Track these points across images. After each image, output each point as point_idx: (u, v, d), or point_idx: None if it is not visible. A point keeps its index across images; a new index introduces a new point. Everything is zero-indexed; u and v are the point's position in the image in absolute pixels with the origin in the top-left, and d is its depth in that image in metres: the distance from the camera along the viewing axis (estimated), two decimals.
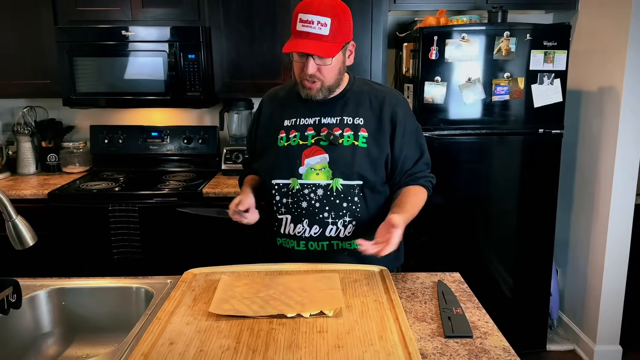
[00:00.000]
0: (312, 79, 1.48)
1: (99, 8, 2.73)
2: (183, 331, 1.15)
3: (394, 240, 1.32)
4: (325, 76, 1.48)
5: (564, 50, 2.45)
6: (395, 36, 2.97)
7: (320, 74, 1.47)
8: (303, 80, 1.50)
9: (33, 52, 2.77)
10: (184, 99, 2.74)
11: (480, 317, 1.26)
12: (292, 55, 1.49)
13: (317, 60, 1.45)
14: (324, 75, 1.48)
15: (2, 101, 3.10)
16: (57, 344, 1.42)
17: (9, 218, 1.12)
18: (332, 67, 1.48)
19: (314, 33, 1.41)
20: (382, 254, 1.31)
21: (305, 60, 1.45)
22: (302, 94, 1.53)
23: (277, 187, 1.55)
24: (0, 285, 1.01)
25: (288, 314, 1.21)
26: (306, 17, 1.41)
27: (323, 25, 1.41)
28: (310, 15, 1.41)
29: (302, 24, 1.42)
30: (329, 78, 1.50)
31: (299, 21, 1.43)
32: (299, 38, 1.43)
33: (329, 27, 1.41)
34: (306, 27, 1.41)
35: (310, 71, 1.46)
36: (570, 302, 3.01)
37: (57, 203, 2.58)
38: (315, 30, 1.41)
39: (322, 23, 1.40)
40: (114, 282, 1.47)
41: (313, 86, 1.50)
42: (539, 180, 2.62)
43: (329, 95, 1.54)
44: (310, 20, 1.41)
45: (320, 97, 1.52)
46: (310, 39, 1.42)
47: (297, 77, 1.53)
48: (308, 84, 1.49)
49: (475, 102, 2.50)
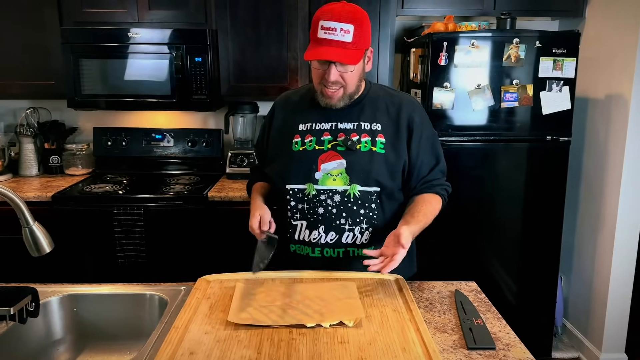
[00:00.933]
0: (334, 86, 1.46)
1: (105, 10, 2.71)
2: (202, 341, 1.13)
3: (398, 257, 1.30)
4: (347, 83, 1.47)
5: (573, 57, 2.45)
6: (402, 41, 2.97)
7: (343, 80, 1.46)
8: (324, 89, 1.47)
9: (37, 53, 2.74)
10: (190, 102, 2.72)
11: (502, 328, 1.25)
12: (310, 63, 1.48)
13: (339, 68, 1.43)
14: (346, 82, 1.46)
15: (5, 102, 3.07)
16: (68, 351, 1.40)
17: (26, 224, 1.10)
18: (353, 73, 1.46)
19: (337, 40, 1.39)
20: (384, 271, 1.29)
21: (327, 67, 1.43)
22: (321, 103, 1.51)
23: (292, 192, 1.53)
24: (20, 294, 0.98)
25: (307, 323, 1.19)
26: (328, 24, 1.39)
27: (346, 32, 1.39)
28: (333, 23, 1.39)
29: (324, 31, 1.40)
30: (350, 85, 1.48)
31: (321, 28, 1.40)
32: (321, 45, 1.41)
33: (351, 34, 1.39)
34: (328, 34, 1.39)
35: (332, 78, 1.43)
36: (574, 309, 3.00)
37: (61, 206, 2.55)
38: (339, 38, 1.39)
39: (345, 30, 1.38)
40: (126, 288, 1.45)
41: (334, 95, 1.47)
42: (546, 187, 2.62)
43: (349, 102, 1.52)
44: (332, 28, 1.39)
45: (341, 105, 1.51)
46: (333, 47, 1.40)
47: (316, 85, 1.50)
48: (329, 92, 1.47)
49: (483, 108, 2.49)
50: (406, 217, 1.47)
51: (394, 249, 1.32)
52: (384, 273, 1.30)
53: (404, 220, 1.45)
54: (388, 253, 1.32)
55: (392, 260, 1.29)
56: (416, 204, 1.51)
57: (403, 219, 1.46)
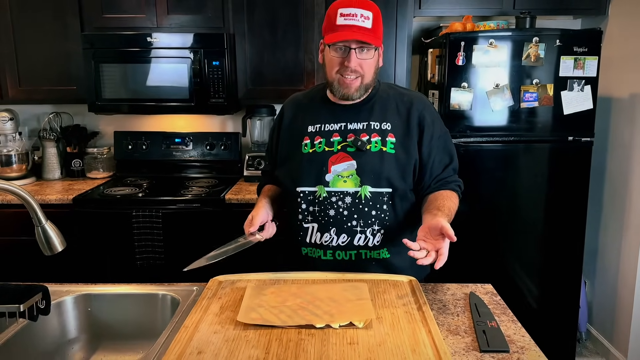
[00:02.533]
0: (352, 74, 1.44)
1: (125, 15, 2.75)
2: (211, 340, 1.13)
3: (445, 251, 1.25)
4: (365, 72, 1.45)
5: (594, 56, 2.40)
6: (419, 42, 2.94)
7: (362, 69, 1.44)
8: (341, 78, 1.45)
9: (59, 58, 2.80)
10: (208, 105, 2.75)
11: (516, 331, 1.22)
12: (324, 56, 1.47)
13: (359, 54, 1.42)
14: (365, 70, 1.45)
15: (29, 107, 3.14)
16: (82, 350, 1.41)
17: (38, 223, 1.11)
18: (371, 63, 1.45)
19: (357, 25, 1.38)
20: (437, 266, 1.24)
21: (347, 55, 1.42)
22: (337, 94, 1.49)
23: (302, 195, 1.52)
24: (30, 292, 1.00)
25: (317, 324, 1.17)
26: (348, 10, 1.39)
27: (366, 18, 1.39)
28: (353, 9, 1.39)
29: (343, 17, 1.39)
30: (368, 74, 1.46)
31: (340, 15, 1.40)
32: (342, 30, 1.40)
33: (371, 21, 1.39)
34: (349, 19, 1.39)
35: (353, 64, 1.42)
36: (599, 314, 2.92)
37: (82, 208, 2.59)
38: (359, 23, 1.38)
39: (365, 16, 1.38)
40: (139, 288, 1.46)
41: (352, 83, 1.45)
42: (568, 189, 2.56)
43: (364, 96, 1.51)
44: (353, 14, 1.38)
45: (357, 96, 1.49)
46: (355, 31, 1.39)
47: (332, 76, 1.47)
48: (347, 81, 1.45)
49: (502, 108, 2.45)
50: (432, 210, 1.40)
51: (437, 243, 1.27)
52: (437, 268, 1.25)
53: (431, 213, 1.39)
54: (430, 247, 1.27)
55: (441, 254, 1.24)
56: (437, 199, 1.47)
57: (429, 213, 1.40)
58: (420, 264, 1.25)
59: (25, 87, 2.84)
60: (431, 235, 1.29)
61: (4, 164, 2.87)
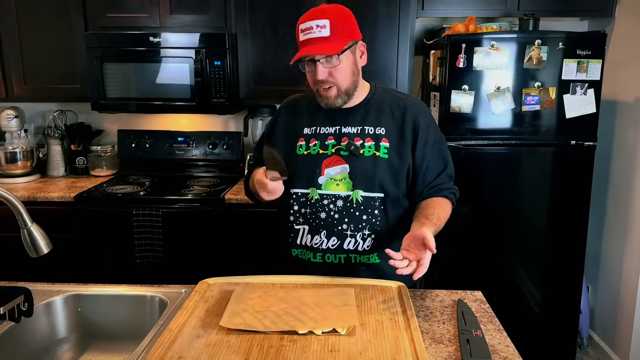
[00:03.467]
0: (325, 84, 1.45)
1: (128, 14, 2.77)
2: (193, 345, 1.13)
3: (426, 262, 1.26)
4: (337, 79, 1.45)
5: (598, 59, 2.36)
6: (422, 43, 2.92)
7: (332, 77, 1.44)
8: (319, 89, 1.47)
9: (64, 57, 2.83)
10: (209, 105, 2.75)
11: (501, 341, 1.21)
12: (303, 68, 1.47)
13: (325, 64, 1.42)
14: (336, 79, 1.45)
15: (35, 105, 3.17)
16: (72, 350, 1.42)
17: (24, 225, 1.12)
18: (342, 68, 1.44)
19: (315, 37, 1.40)
20: (416, 277, 1.25)
21: (314, 67, 1.43)
22: (321, 104, 1.50)
23: (295, 196, 1.52)
24: (12, 294, 1.01)
25: (300, 330, 1.18)
26: (304, 25, 1.42)
27: (322, 27, 1.39)
28: (309, 22, 1.41)
29: (302, 33, 1.42)
30: (342, 80, 1.46)
31: (300, 32, 1.43)
32: (302, 47, 1.43)
33: (328, 28, 1.39)
34: (307, 34, 1.41)
35: (320, 76, 1.42)
36: (601, 320, 2.89)
37: (83, 206, 2.61)
38: (316, 34, 1.40)
39: (320, 26, 1.39)
40: (129, 289, 1.47)
41: (329, 93, 1.46)
42: (570, 193, 2.53)
43: (349, 100, 1.51)
44: (309, 27, 1.40)
45: (340, 103, 1.49)
46: (312, 44, 1.40)
47: (312, 88, 1.50)
48: (324, 92, 1.46)
49: (504, 111, 2.43)
50: (420, 219, 1.41)
51: (419, 253, 1.27)
52: (415, 279, 1.25)
53: (419, 222, 1.39)
54: (412, 257, 1.27)
55: (421, 265, 1.25)
56: (428, 207, 1.47)
57: (417, 221, 1.40)
58: (400, 273, 1.25)
59: (30, 85, 2.87)
60: (414, 245, 1.29)
61: (9, 161, 2.90)
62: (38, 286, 1.46)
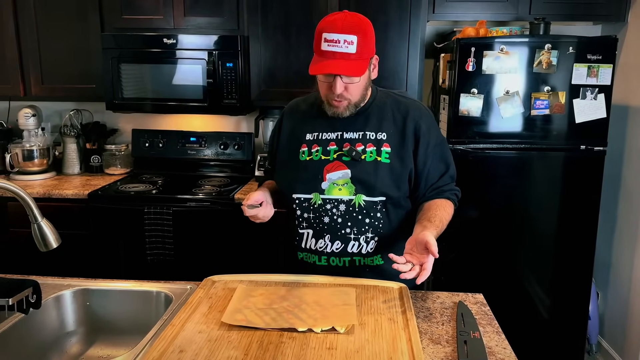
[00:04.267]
0: (339, 98, 1.45)
1: (143, 16, 2.82)
2: (194, 339, 1.16)
3: (429, 266, 1.27)
4: (352, 94, 1.46)
5: (609, 64, 2.35)
6: (433, 46, 2.93)
7: (348, 92, 1.45)
8: (330, 100, 1.48)
9: (80, 57, 2.89)
10: (221, 106, 2.79)
11: (499, 343, 1.22)
12: (317, 75, 1.47)
13: (344, 80, 1.42)
14: (351, 94, 1.46)
15: (52, 104, 3.25)
16: (80, 342, 1.47)
17: (34, 220, 1.16)
18: (359, 84, 1.45)
19: (340, 52, 1.37)
20: (419, 281, 1.26)
21: (333, 80, 1.42)
22: (328, 113, 1.51)
23: (298, 201, 1.54)
24: (21, 286, 1.05)
25: (299, 327, 1.20)
26: (331, 36, 1.37)
27: (350, 43, 1.36)
28: (336, 35, 1.36)
29: (327, 43, 1.38)
30: (355, 95, 1.47)
31: (324, 41, 1.38)
32: (325, 58, 1.39)
33: (355, 45, 1.37)
34: (332, 46, 1.37)
35: (338, 91, 1.42)
36: (610, 326, 2.87)
37: (96, 203, 2.67)
38: (342, 50, 1.37)
39: (348, 41, 1.36)
40: (136, 285, 1.50)
41: (340, 105, 1.47)
42: (579, 198, 2.52)
43: (355, 111, 1.52)
44: (336, 40, 1.36)
45: (348, 114, 1.51)
46: (337, 59, 1.38)
47: (323, 96, 1.50)
48: (335, 103, 1.47)
49: (513, 115, 2.43)
50: (423, 222, 1.43)
51: (422, 257, 1.29)
52: (419, 283, 1.27)
53: (421, 225, 1.41)
54: (415, 261, 1.29)
55: (424, 270, 1.26)
56: (430, 209, 1.48)
57: (419, 224, 1.42)
58: (403, 277, 1.26)
59: (47, 84, 2.94)
60: (417, 249, 1.30)
61: (26, 158, 2.98)
62: (49, 280, 1.50)
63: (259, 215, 1.50)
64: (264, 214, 1.51)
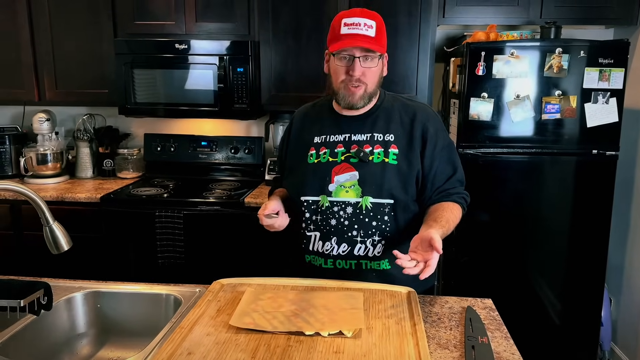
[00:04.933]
0: (357, 82, 1.47)
1: (155, 22, 2.85)
2: (202, 342, 1.17)
3: (433, 263, 1.26)
4: (369, 80, 1.48)
5: (621, 68, 2.33)
6: (444, 51, 2.93)
7: (365, 77, 1.47)
8: (347, 85, 1.48)
9: (93, 63, 2.93)
10: (232, 110, 2.81)
11: (507, 348, 1.21)
12: (329, 65, 1.50)
13: (363, 64, 1.45)
14: (368, 79, 1.48)
15: (65, 108, 3.29)
16: (90, 344, 1.48)
17: (46, 223, 1.18)
18: (375, 71, 1.48)
19: (361, 34, 1.42)
20: (422, 277, 1.26)
21: (351, 63, 1.45)
22: (342, 103, 1.52)
23: (306, 203, 1.55)
24: (32, 288, 1.07)
25: (306, 331, 1.20)
26: (352, 20, 1.43)
27: (370, 27, 1.42)
28: (357, 18, 1.43)
29: (347, 27, 1.43)
30: (371, 83, 1.49)
31: (344, 25, 1.43)
32: (346, 39, 1.43)
33: (374, 29, 1.43)
34: (352, 29, 1.42)
35: (357, 72, 1.45)
36: (623, 333, 2.83)
37: (108, 207, 2.70)
38: (363, 32, 1.42)
39: (368, 25, 1.42)
40: (146, 287, 1.52)
41: (357, 91, 1.48)
42: (591, 202, 2.49)
43: (368, 104, 1.53)
44: (356, 23, 1.42)
45: (362, 105, 1.52)
46: (358, 40, 1.42)
47: (337, 84, 1.50)
48: (352, 89, 1.48)
49: (523, 120, 2.42)
50: (429, 222, 1.43)
51: (426, 254, 1.28)
52: (422, 279, 1.26)
53: (427, 224, 1.41)
54: (419, 258, 1.28)
55: (428, 266, 1.26)
56: (437, 211, 1.48)
57: (426, 224, 1.42)
58: (407, 273, 1.26)
59: (61, 89, 2.98)
60: (422, 247, 1.30)
61: (40, 162, 3.02)
62: (60, 282, 1.52)
63: (274, 225, 1.53)
64: (280, 224, 1.54)
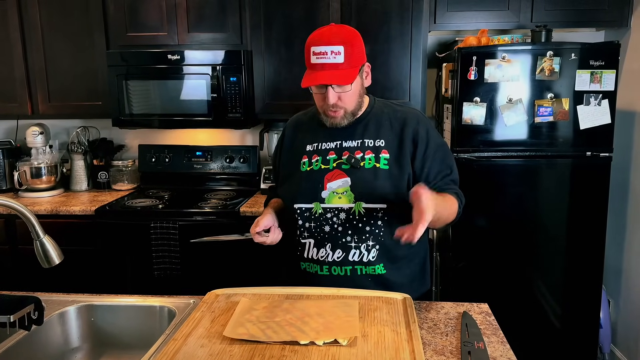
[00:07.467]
0: (334, 108, 1.49)
1: (148, 33, 2.86)
2: (196, 354, 1.16)
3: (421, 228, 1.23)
4: (346, 103, 1.49)
5: (612, 69, 2.34)
6: (435, 56, 2.93)
7: (342, 102, 1.48)
8: (326, 111, 1.51)
9: (86, 75, 2.93)
10: (226, 120, 2.81)
11: (503, 353, 1.20)
12: (310, 88, 1.50)
13: (336, 89, 1.46)
14: (345, 103, 1.49)
15: (59, 121, 3.29)
16: (85, 358, 1.47)
17: (36, 237, 1.18)
18: (352, 92, 1.49)
19: (329, 63, 1.42)
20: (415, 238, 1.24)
21: (325, 91, 1.46)
22: (327, 124, 1.54)
23: (299, 211, 1.55)
24: (22, 302, 1.06)
25: (301, 340, 1.19)
26: (319, 49, 1.43)
27: (337, 54, 1.41)
28: (323, 47, 1.42)
29: (315, 56, 1.43)
30: (350, 104, 1.51)
31: (312, 54, 1.44)
32: (315, 70, 1.44)
33: (343, 55, 1.42)
34: (321, 58, 1.42)
35: (331, 101, 1.46)
36: (623, 335, 2.82)
37: (103, 219, 2.69)
38: (330, 60, 1.42)
39: (335, 52, 1.41)
40: (140, 300, 1.51)
41: (336, 115, 1.51)
42: (587, 204, 2.49)
43: (353, 119, 1.55)
44: (323, 52, 1.42)
45: (345, 123, 1.53)
46: (326, 70, 1.43)
47: (319, 108, 1.54)
48: (331, 113, 1.50)
49: (517, 123, 2.42)
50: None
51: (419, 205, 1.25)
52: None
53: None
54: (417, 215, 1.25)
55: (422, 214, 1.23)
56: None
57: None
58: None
59: (54, 102, 2.98)
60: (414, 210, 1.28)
61: (34, 175, 3.01)
62: (54, 296, 1.51)
63: (267, 241, 1.54)
64: (272, 240, 1.55)
